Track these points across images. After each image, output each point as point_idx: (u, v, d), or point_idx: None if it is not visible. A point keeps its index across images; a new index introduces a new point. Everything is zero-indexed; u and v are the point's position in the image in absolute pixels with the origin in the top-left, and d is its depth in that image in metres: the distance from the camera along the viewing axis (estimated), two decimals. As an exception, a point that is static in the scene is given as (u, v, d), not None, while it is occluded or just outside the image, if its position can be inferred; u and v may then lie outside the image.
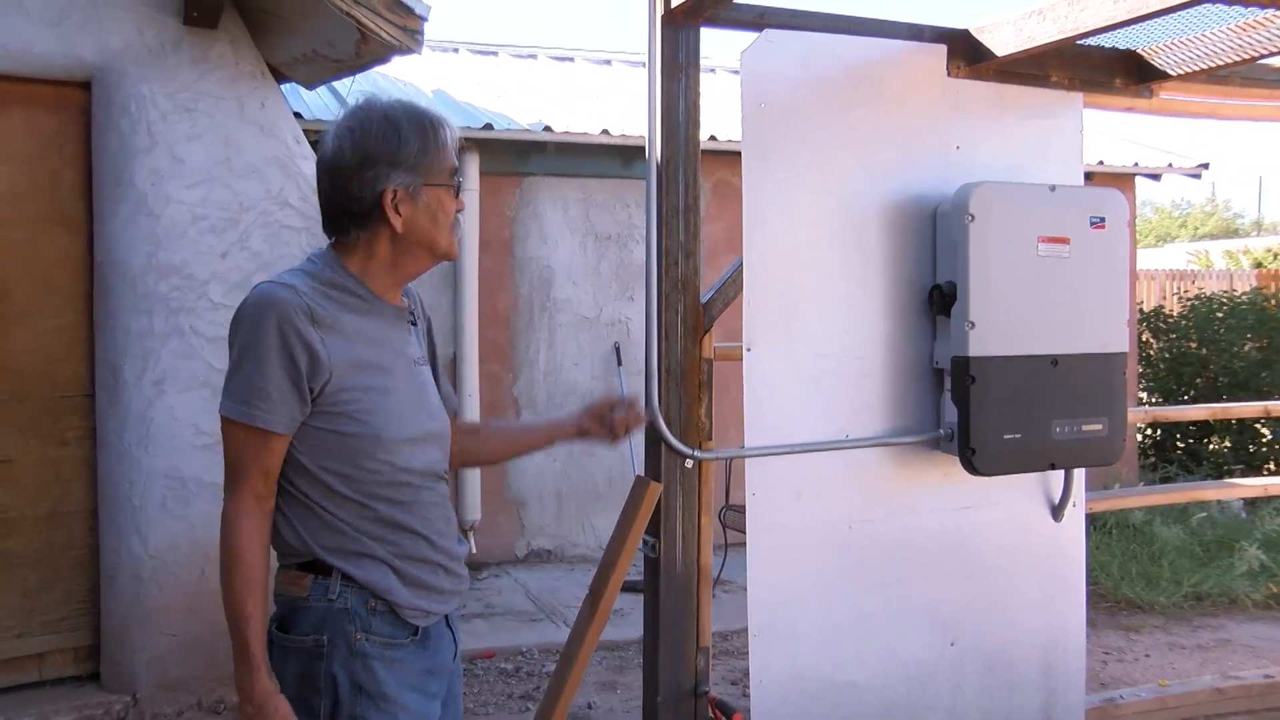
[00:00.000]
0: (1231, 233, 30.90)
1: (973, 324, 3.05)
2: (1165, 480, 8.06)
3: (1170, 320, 9.58)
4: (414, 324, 2.05)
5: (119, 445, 4.04)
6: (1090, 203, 3.24)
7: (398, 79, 7.43)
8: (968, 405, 3.08)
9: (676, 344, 2.97)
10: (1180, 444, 8.97)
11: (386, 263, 1.96)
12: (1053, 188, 3.18)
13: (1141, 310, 9.65)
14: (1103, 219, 3.22)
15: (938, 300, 3.14)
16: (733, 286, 3.06)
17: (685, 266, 2.96)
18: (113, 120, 3.98)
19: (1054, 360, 3.17)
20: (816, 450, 3.11)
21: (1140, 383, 9.10)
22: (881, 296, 3.15)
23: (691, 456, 2.98)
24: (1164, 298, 11.75)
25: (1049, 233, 3.14)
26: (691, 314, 2.97)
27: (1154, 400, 9.24)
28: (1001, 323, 3.09)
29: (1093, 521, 6.77)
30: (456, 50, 8.97)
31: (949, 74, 3.21)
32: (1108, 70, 3.46)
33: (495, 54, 9.11)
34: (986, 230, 3.05)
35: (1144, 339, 9.38)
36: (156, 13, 3.98)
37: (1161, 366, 9.33)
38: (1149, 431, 9.21)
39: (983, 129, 3.29)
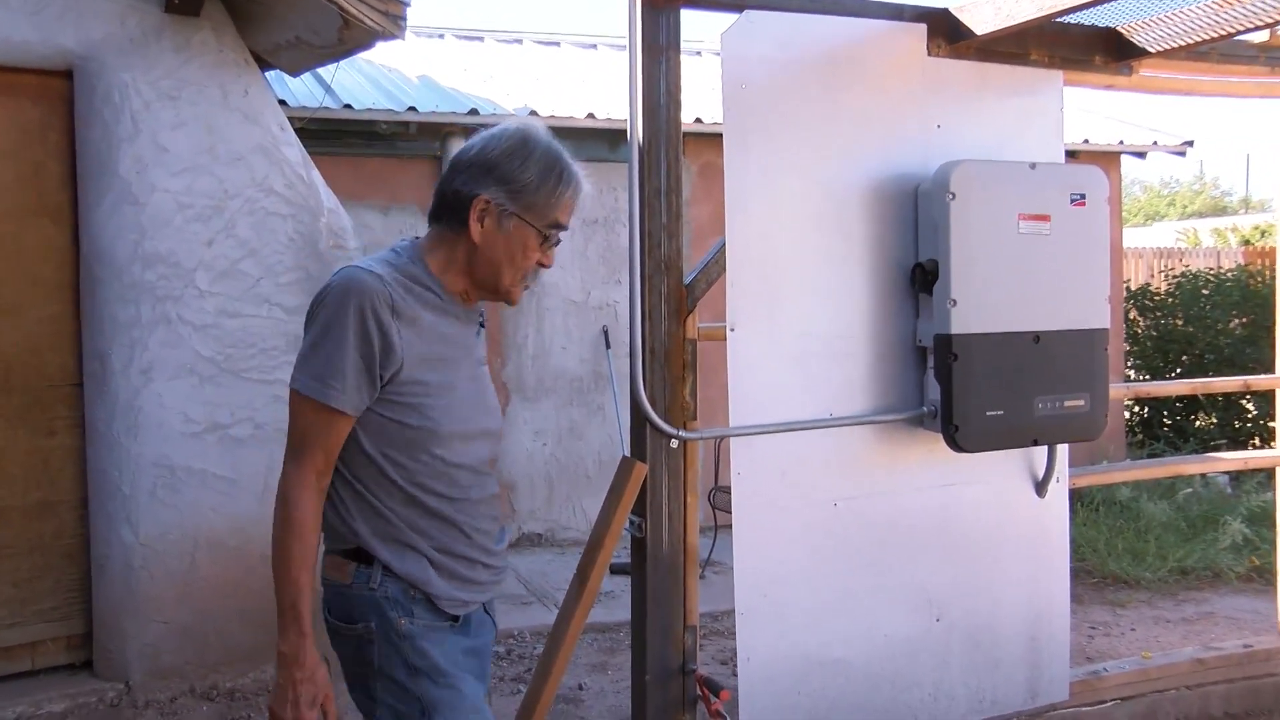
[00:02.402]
0: (1220, 211, 30.99)
1: (955, 302, 3.08)
2: (1152, 456, 8.11)
3: (1157, 298, 9.62)
4: (482, 326, 2.12)
5: (108, 434, 4.05)
6: (1070, 180, 3.26)
7: (384, 65, 7.42)
8: (950, 382, 3.10)
9: (660, 325, 2.98)
10: (1167, 421, 9.02)
11: (462, 270, 2.01)
12: (1033, 165, 3.20)
13: (1128, 288, 9.69)
14: (1083, 196, 3.24)
15: (920, 278, 3.17)
16: (716, 267, 3.08)
17: (668, 248, 2.98)
18: (96, 109, 3.98)
19: (1036, 337, 3.20)
20: (801, 429, 3.13)
21: (1127, 360, 9.15)
22: (864, 276, 3.17)
23: (676, 436, 3.00)
24: (1151, 276, 11.79)
25: (1030, 210, 3.17)
26: (674, 295, 2.99)
27: (1141, 378, 9.29)
28: (983, 300, 3.11)
29: (1080, 498, 6.83)
30: (442, 36, 8.95)
31: (929, 53, 3.23)
32: (1088, 48, 3.47)
33: (481, 39, 9.10)
34: (967, 208, 3.07)
35: (1131, 317, 9.42)
36: (138, 1, 3.96)
37: (1148, 344, 9.37)
38: (1136, 409, 9.26)
39: (964, 108, 3.31)
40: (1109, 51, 3.48)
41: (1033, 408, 3.21)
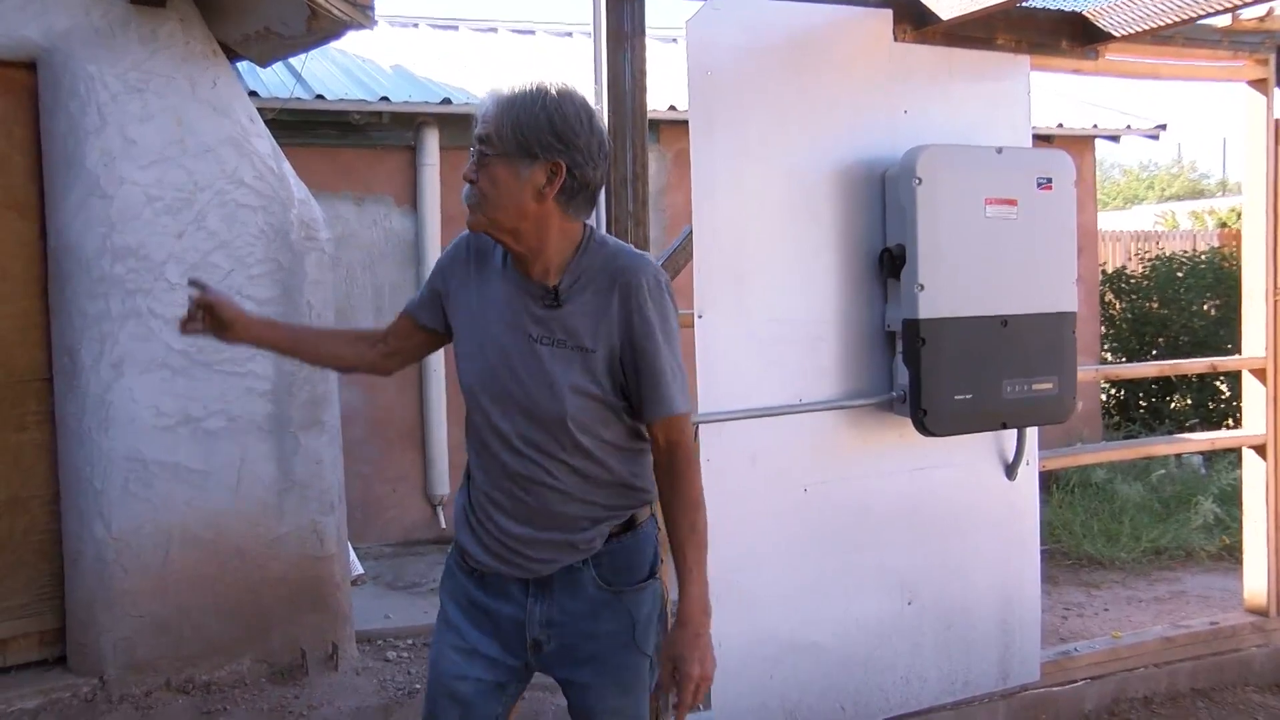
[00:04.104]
0: (1198, 194, 31.14)
1: (922, 286, 3.10)
2: (1129, 439, 8.17)
3: (1132, 281, 9.67)
4: (551, 306, 2.00)
5: (78, 429, 4.03)
6: (1037, 164, 3.28)
7: (357, 55, 7.39)
8: (919, 367, 3.12)
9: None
10: (1143, 403, 9.08)
11: None
12: (999, 150, 3.22)
13: (1104, 271, 9.73)
14: (1050, 180, 3.26)
15: (888, 263, 3.18)
16: (684, 254, 3.09)
17: (634, 234, 2.98)
18: (61, 102, 3.95)
19: (1004, 321, 3.22)
20: (770, 415, 3.15)
21: (1104, 344, 9.20)
22: (833, 261, 3.19)
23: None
24: (1129, 259, 11.84)
25: (996, 194, 3.19)
26: (643, 283, 2.99)
27: (1118, 360, 9.34)
28: (951, 284, 3.13)
29: (1055, 481, 6.88)
30: (416, 25, 8.91)
31: (895, 39, 3.24)
32: (1054, 32, 3.49)
33: (456, 28, 9.06)
34: (934, 193, 3.09)
35: (1107, 300, 9.47)
36: (101, -9, 3.94)
37: (1124, 327, 9.42)
38: (1113, 391, 9.32)
39: (931, 93, 3.32)
40: (1075, 36, 3.51)
41: (1001, 391, 3.23)
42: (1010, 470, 3.52)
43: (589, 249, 2.02)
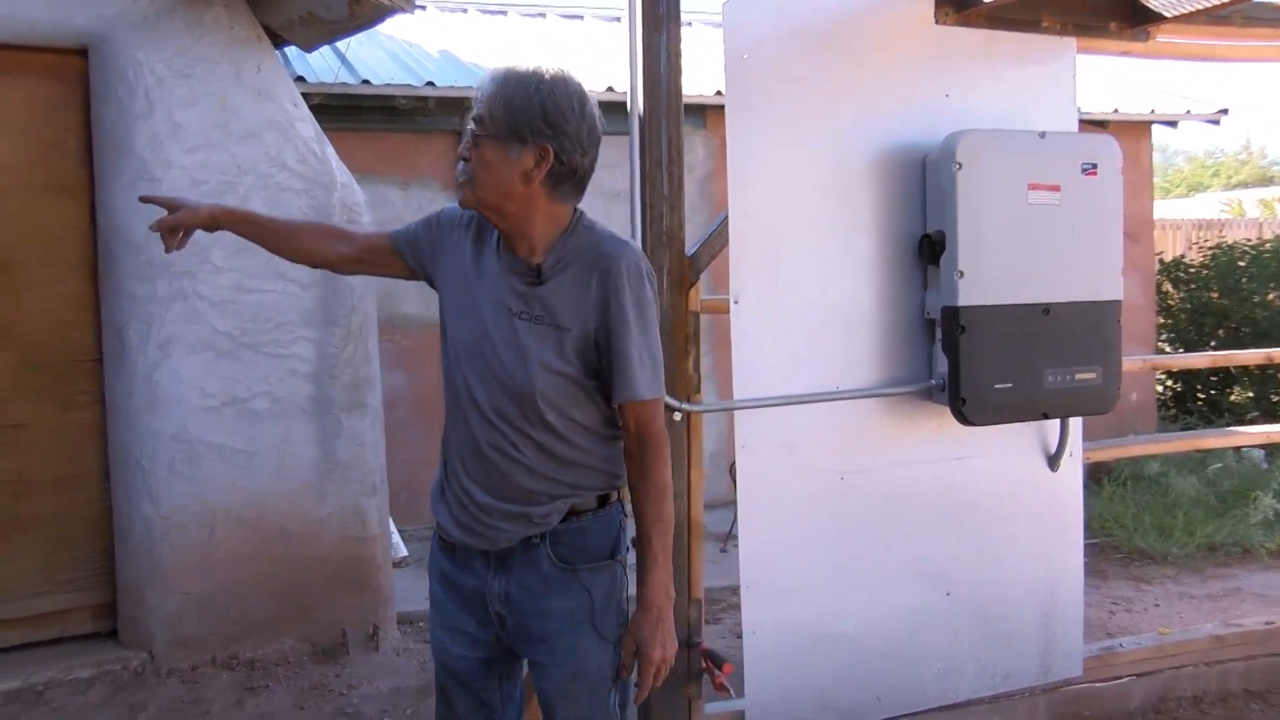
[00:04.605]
0: (1267, 181, 30.38)
1: (962, 273, 3.04)
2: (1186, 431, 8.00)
3: (1191, 270, 9.46)
4: (533, 284, 2.05)
5: (127, 409, 4.11)
6: (1082, 149, 3.21)
7: (405, 40, 7.42)
8: (958, 355, 3.07)
9: (662, 297, 2.97)
10: (1201, 395, 8.89)
11: None
12: (1042, 134, 3.16)
13: (1161, 260, 9.52)
14: (1095, 165, 3.19)
15: (927, 250, 3.13)
16: (719, 240, 3.06)
17: (670, 219, 2.96)
18: (110, 87, 4.01)
19: (1045, 308, 3.16)
20: (807, 402, 3.12)
21: (1160, 334, 9.01)
22: (871, 247, 3.14)
23: (679, 409, 2.99)
24: (1190, 247, 11.59)
25: (1039, 180, 3.12)
26: (677, 267, 2.97)
27: (1176, 350, 9.15)
28: (991, 271, 3.08)
29: (1105, 473, 6.75)
30: (465, 11, 8.94)
31: (937, 21, 3.18)
32: (1102, 13, 3.41)
33: (504, 13, 9.08)
34: (975, 178, 3.03)
35: (1164, 289, 9.27)
36: (150, -22, 3.99)
37: (1182, 317, 9.22)
38: (1169, 383, 9.13)
39: (973, 76, 3.26)
40: (1124, 16, 3.42)
41: (1042, 380, 3.17)
42: (1053, 461, 3.46)
43: (576, 232, 2.07)
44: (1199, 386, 8.92)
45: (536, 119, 1.96)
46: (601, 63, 7.47)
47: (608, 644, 2.12)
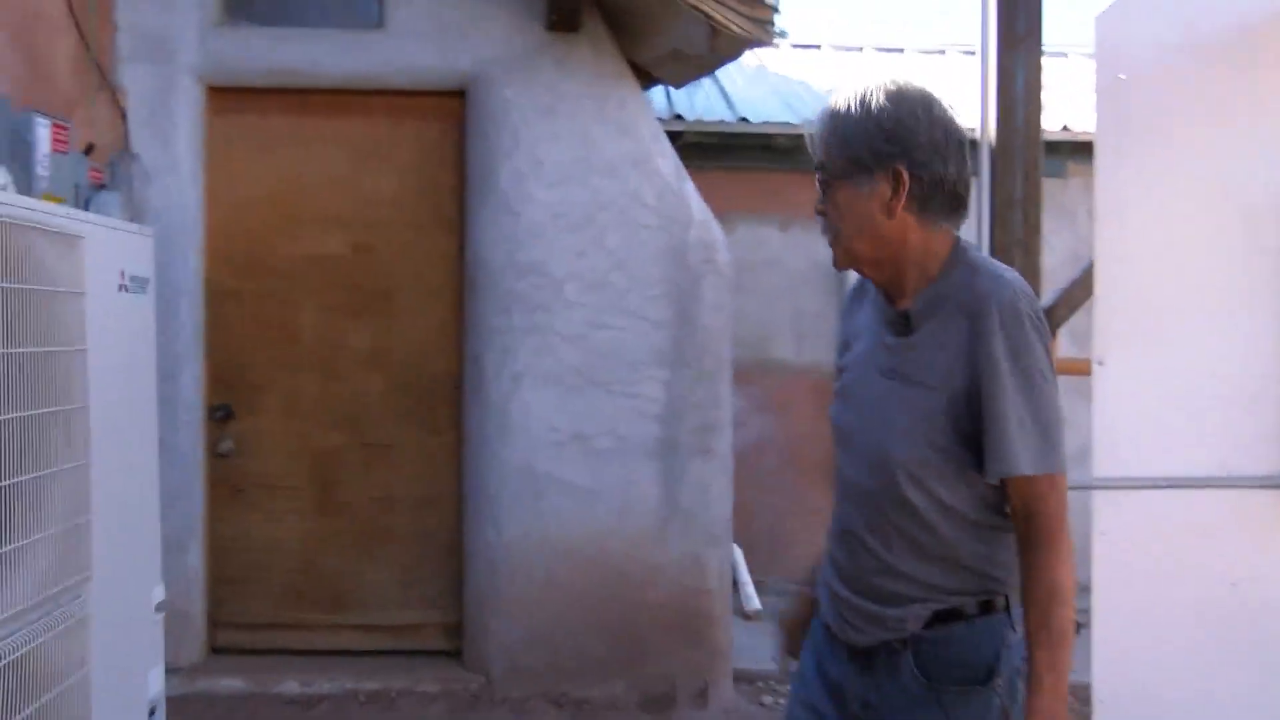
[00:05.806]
0: None
1: None
2: None
3: None
4: (901, 334, 1.79)
5: (480, 436, 4.24)
6: None
7: (783, 75, 7.31)
8: (1398, 443, 2.43)
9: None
10: None
11: None
12: None
13: None
14: None
15: (1360, 311, 2.51)
16: (1082, 290, 2.63)
17: (1024, 264, 2.59)
18: (482, 126, 4.19)
19: None
20: (1187, 487, 2.60)
21: None
22: (1277, 302, 2.56)
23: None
24: None
25: None
26: (1029, 321, 2.57)
27: None
28: None
29: None
30: (819, 47, 8.74)
31: (1381, 27, 2.55)
32: None
33: (860, 50, 8.79)
34: None
35: None
36: (523, 20, 4.16)
37: None
38: None
39: None
40: None
41: None
42: None
43: (953, 265, 1.73)
44: None
45: (877, 140, 1.69)
46: (965, 102, 6.98)
47: None
